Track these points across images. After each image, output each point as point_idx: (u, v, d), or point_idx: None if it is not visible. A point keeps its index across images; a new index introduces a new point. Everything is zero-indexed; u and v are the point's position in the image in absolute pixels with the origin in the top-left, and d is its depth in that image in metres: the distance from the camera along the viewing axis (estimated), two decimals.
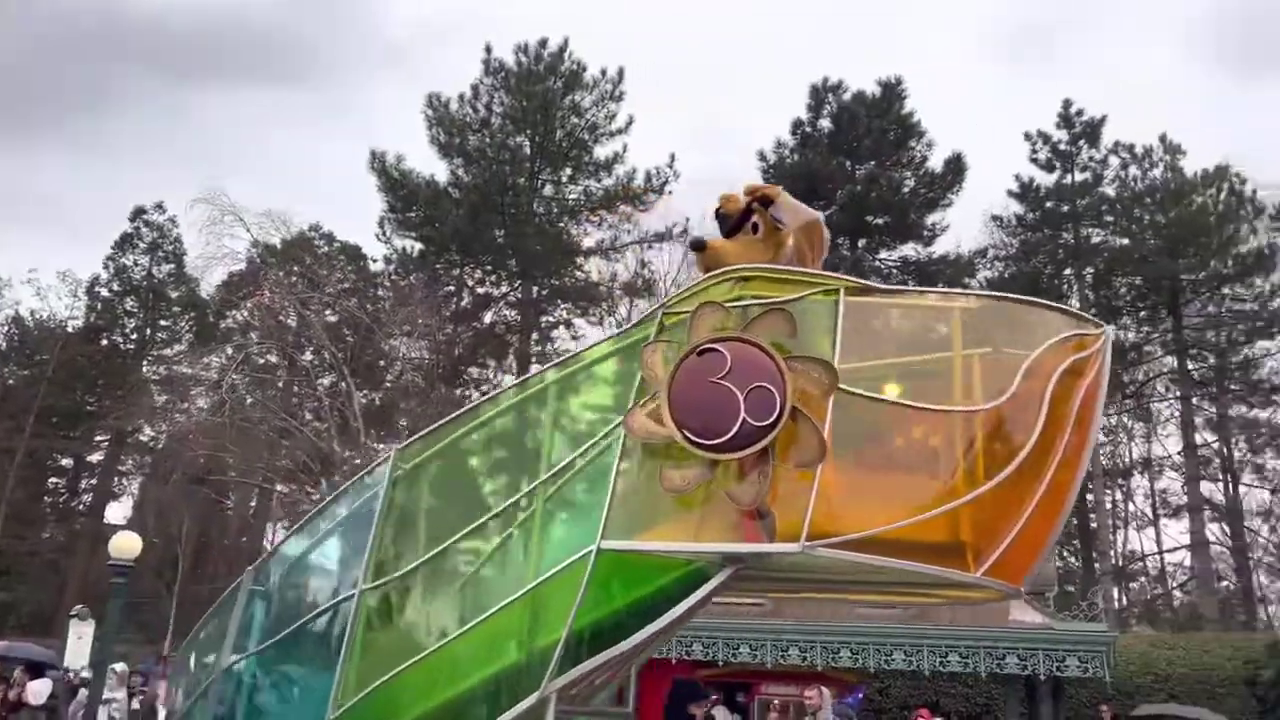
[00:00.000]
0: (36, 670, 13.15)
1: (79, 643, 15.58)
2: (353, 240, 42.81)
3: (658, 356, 5.39)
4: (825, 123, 35.36)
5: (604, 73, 33.69)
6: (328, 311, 36.31)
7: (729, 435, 4.95)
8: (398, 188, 33.44)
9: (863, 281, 5.71)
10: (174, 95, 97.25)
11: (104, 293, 45.55)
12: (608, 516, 5.23)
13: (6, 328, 43.52)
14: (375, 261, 39.34)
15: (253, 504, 43.45)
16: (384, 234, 35.35)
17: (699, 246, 6.37)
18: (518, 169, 33.53)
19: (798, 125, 35.60)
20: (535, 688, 5.17)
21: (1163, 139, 36.65)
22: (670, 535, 5.32)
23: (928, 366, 5.77)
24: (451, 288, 37.03)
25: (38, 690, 11.61)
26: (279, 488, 36.55)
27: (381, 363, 37.30)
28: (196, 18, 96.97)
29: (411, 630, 6.11)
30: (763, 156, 35.43)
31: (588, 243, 35.72)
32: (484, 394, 40.41)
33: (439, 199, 32.97)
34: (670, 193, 34.13)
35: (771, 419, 4.92)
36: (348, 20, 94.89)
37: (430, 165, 36.16)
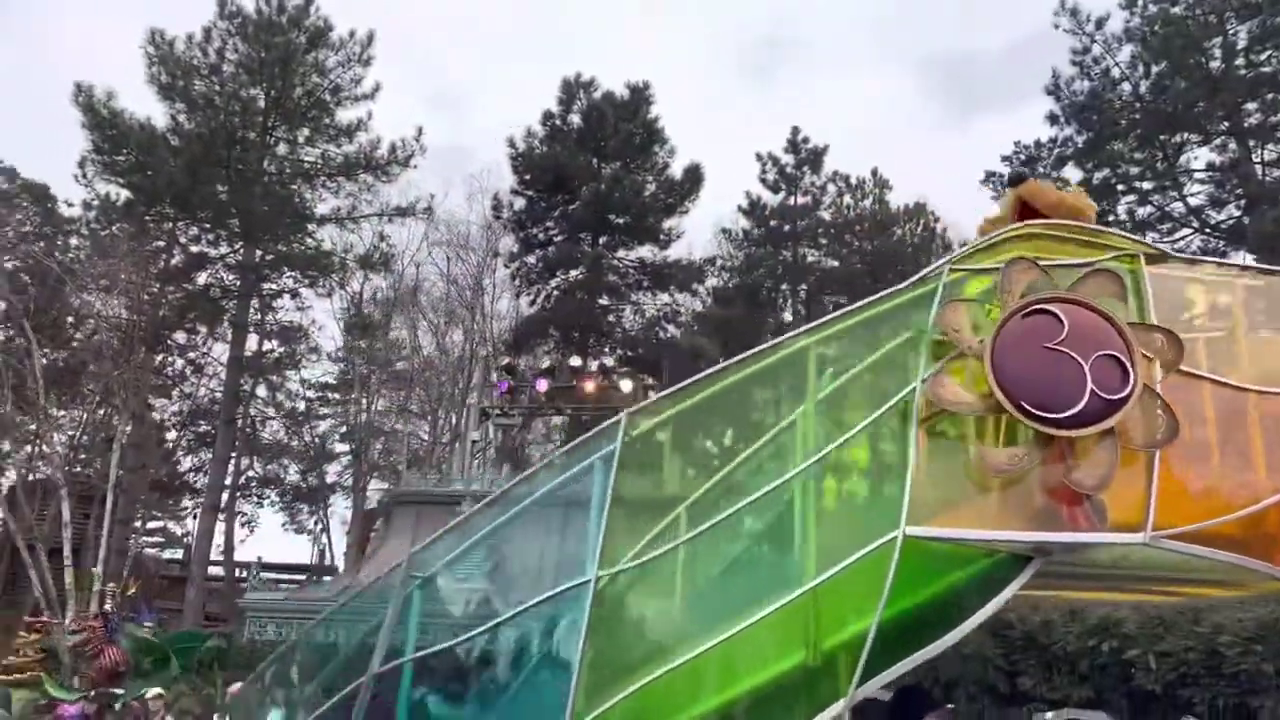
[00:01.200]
0: None
1: None
2: (40, 179, 38.11)
3: (962, 316, 4.72)
4: (575, 118, 35.75)
5: (352, 34, 31.99)
6: (6, 257, 32.04)
7: (1075, 410, 4.38)
8: (106, 127, 29.93)
9: (1158, 247, 5.20)
10: None
11: None
12: (910, 498, 4.49)
13: None
14: (72, 206, 35.12)
15: None
16: (85, 176, 31.54)
17: (1018, 179, 5.70)
18: (249, 123, 31.05)
19: (548, 117, 35.75)
20: (832, 696, 4.48)
21: (874, 173, 40.38)
22: (966, 522, 4.64)
23: (1223, 345, 5.34)
24: (162, 243, 33.77)
25: None
26: None
27: (70, 319, 33.36)
28: None
29: (660, 627, 5.11)
30: (512, 144, 35.28)
31: (322, 209, 33.84)
32: (190, 361, 37.39)
33: (154, 145, 29.83)
34: (415, 166, 33.10)
35: (1125, 393, 4.40)
36: None
37: (147, 107, 32.85)
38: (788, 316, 40.45)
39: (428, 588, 5.81)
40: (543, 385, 19.05)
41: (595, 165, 35.05)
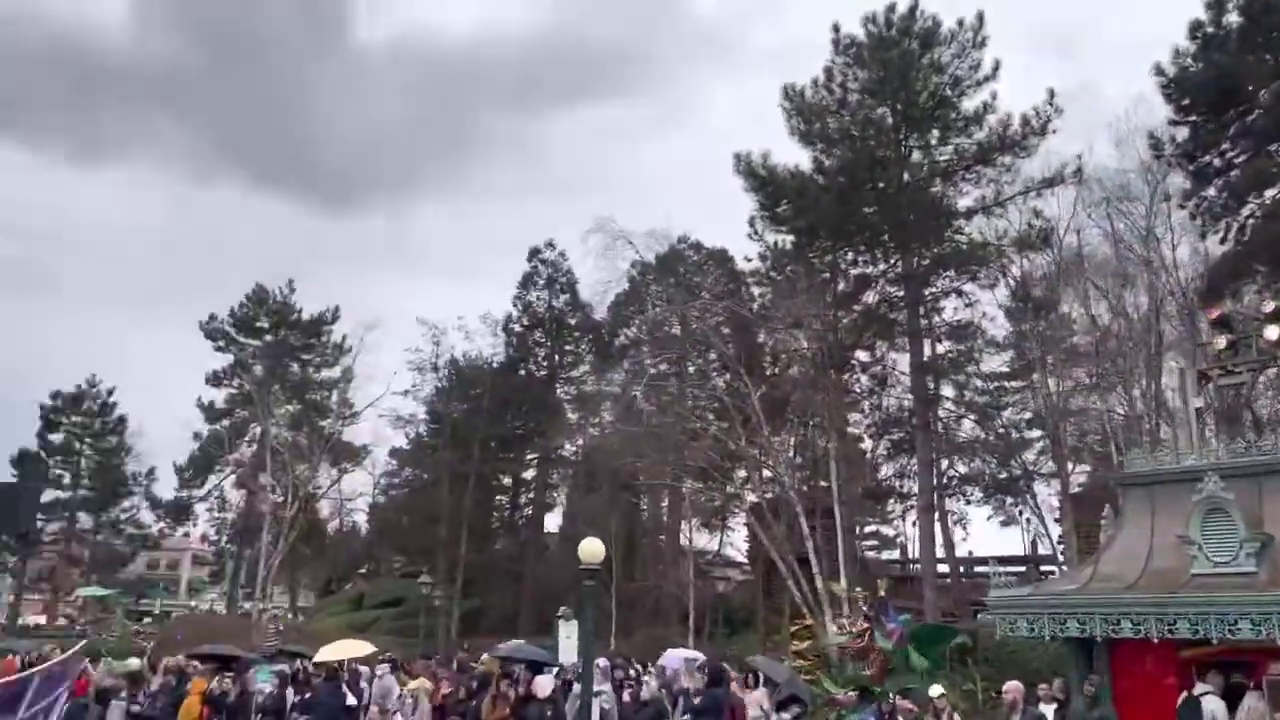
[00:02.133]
0: (536, 668, 14.52)
1: (568, 641, 17.20)
2: (718, 245, 44.33)
3: None
4: (1232, 17, 30.45)
5: (961, 23, 31.74)
6: (709, 315, 37.74)
7: None
8: (765, 185, 33.83)
9: None
10: (518, 127, 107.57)
11: (516, 328, 51.00)
12: None
13: (447, 369, 50.08)
14: (750, 260, 40.17)
15: (664, 504, 46.14)
16: (756, 232, 36.00)
17: None
18: (882, 141, 32.51)
19: (1196, 28, 30.98)
20: None
21: None
22: None
23: None
24: (827, 274, 36.82)
25: (543, 684, 12.84)
26: (687, 487, 38.43)
27: (768, 358, 37.99)
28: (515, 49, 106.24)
29: None
30: (1159, 70, 31.21)
31: (965, 203, 33.76)
32: (874, 376, 39.81)
33: (806, 188, 32.87)
34: (1054, 131, 31.28)
35: None
36: (666, 22, 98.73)
37: (794, 156, 36.21)
38: None
39: None
40: (1273, 333, 16.15)
41: (1270, 62, 29.36)
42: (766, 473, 34.27)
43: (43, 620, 54.14)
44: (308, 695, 14.58)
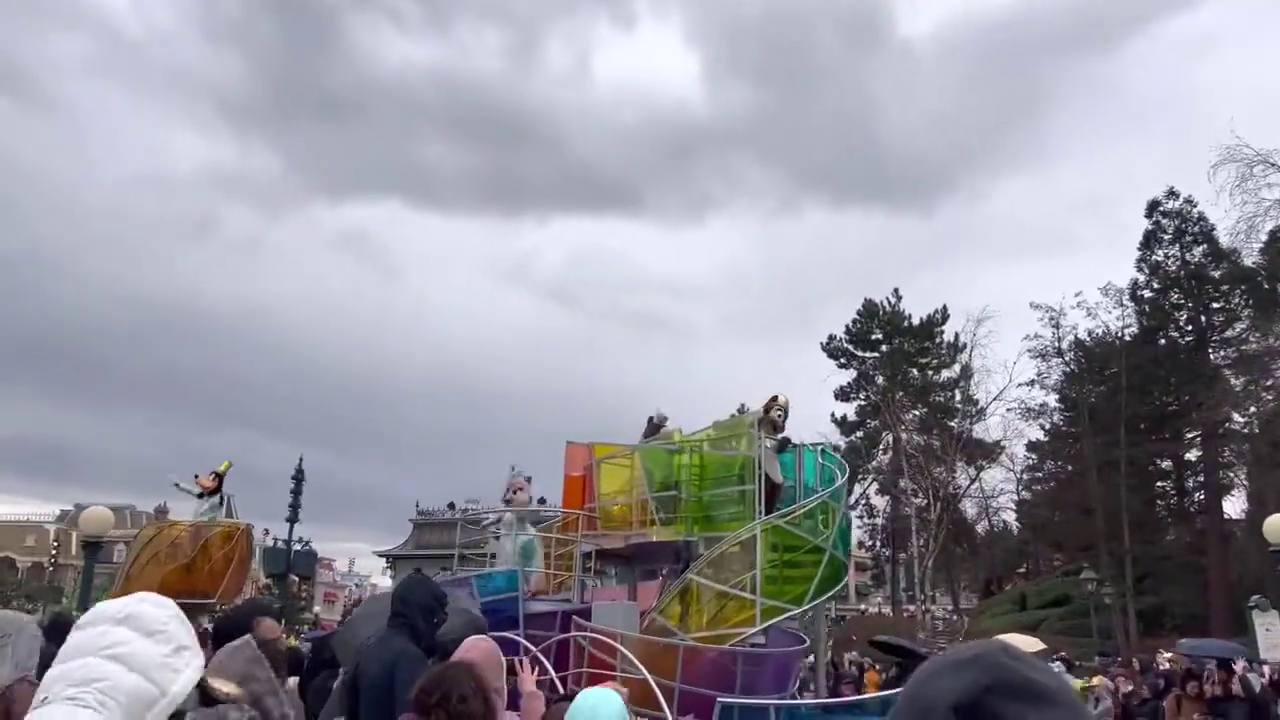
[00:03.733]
0: (1228, 665, 12.87)
1: (1268, 634, 14.76)
2: None
3: None
4: None
5: None
6: None
7: None
8: None
9: None
10: (1091, 70, 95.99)
11: (1146, 294, 45.77)
12: None
13: (1072, 351, 46.84)
14: None
15: None
16: None
17: None
18: None
19: None
20: None
21: None
22: None
23: None
24: None
25: (1249, 683, 11.26)
26: None
27: None
28: None
29: None
30: None
31: None
32: None
33: None
34: None
35: None
36: None
37: None
38: None
39: None
40: None
41: None
42: None
43: None
44: None
